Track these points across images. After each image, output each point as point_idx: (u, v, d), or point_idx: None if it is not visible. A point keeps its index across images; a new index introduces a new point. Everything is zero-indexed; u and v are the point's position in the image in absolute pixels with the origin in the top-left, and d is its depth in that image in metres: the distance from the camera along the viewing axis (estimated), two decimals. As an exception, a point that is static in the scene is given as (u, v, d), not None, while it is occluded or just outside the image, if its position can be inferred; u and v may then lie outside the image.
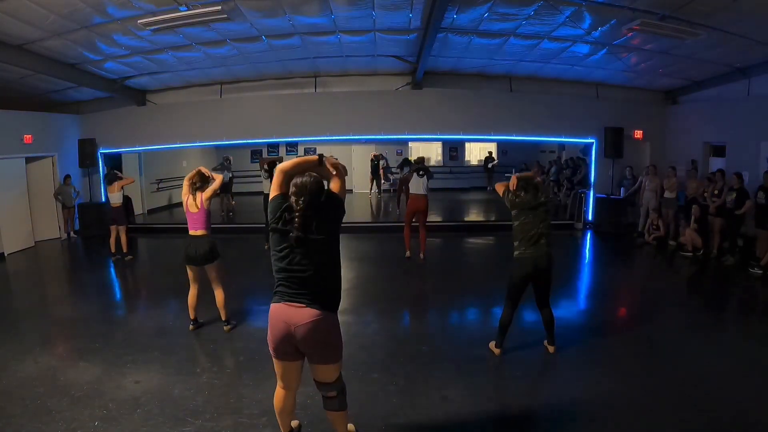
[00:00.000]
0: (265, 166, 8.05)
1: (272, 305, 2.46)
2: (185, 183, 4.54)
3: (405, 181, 8.61)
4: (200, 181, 4.54)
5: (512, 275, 3.94)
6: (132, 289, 6.73)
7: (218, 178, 4.68)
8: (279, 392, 2.68)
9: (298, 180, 2.44)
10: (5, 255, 8.02)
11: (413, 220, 7.41)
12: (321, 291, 2.42)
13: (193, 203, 4.49)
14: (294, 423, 2.99)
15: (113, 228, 7.82)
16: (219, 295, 4.65)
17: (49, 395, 3.45)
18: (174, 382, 3.66)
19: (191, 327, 4.70)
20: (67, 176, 9.52)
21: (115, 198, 7.73)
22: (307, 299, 2.39)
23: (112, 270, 7.64)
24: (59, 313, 5.44)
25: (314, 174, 2.50)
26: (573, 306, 5.64)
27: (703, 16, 6.10)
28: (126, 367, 3.91)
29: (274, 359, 2.55)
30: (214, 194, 4.58)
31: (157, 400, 3.38)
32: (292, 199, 2.41)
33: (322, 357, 2.49)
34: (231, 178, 11.82)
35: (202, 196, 4.49)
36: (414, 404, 3.33)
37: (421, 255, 7.43)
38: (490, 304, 5.42)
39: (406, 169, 10.64)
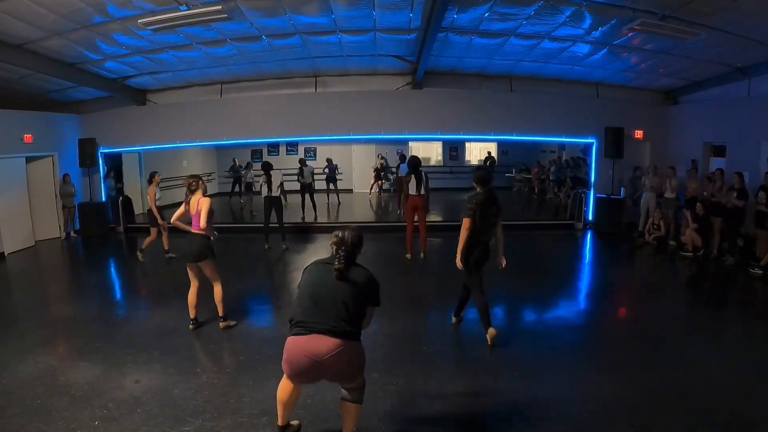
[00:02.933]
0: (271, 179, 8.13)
1: (291, 338, 2.51)
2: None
3: (403, 182, 8.62)
4: (194, 186, 4.59)
5: (468, 262, 4.30)
6: (132, 289, 6.73)
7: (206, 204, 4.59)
8: (286, 384, 2.71)
9: (339, 233, 2.65)
10: (5, 254, 8.02)
11: (414, 219, 7.42)
12: (342, 325, 2.47)
13: (191, 206, 4.54)
14: (294, 423, 2.99)
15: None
16: (216, 289, 4.67)
17: (49, 395, 3.45)
18: (174, 382, 3.65)
19: (191, 326, 4.70)
20: (66, 175, 9.53)
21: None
22: (329, 330, 2.45)
23: (112, 270, 7.65)
24: (59, 312, 5.44)
25: (356, 227, 2.72)
26: (573, 306, 5.64)
27: (703, 16, 6.10)
28: (126, 367, 3.91)
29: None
30: (208, 216, 4.55)
31: (157, 400, 3.38)
32: (333, 248, 2.61)
33: (346, 380, 2.61)
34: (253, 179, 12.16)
35: (201, 215, 4.49)
36: (414, 404, 3.33)
37: (422, 254, 7.44)
38: (489, 304, 5.40)
39: (403, 167, 10.69)
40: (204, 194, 4.64)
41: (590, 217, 9.96)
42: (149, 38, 7.21)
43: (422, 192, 7.15)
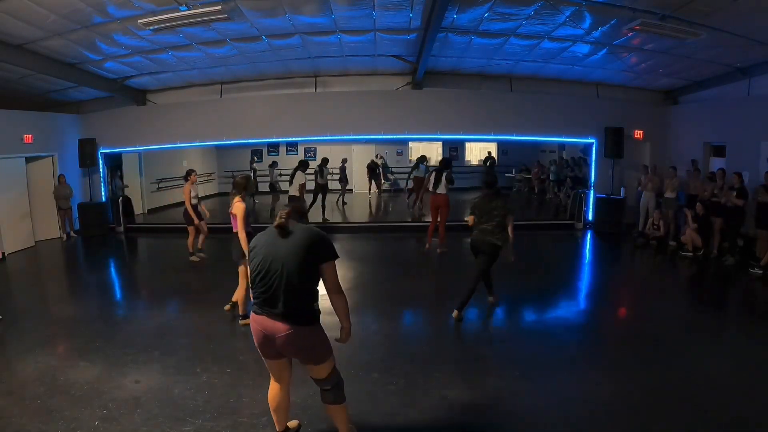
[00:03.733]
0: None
1: (251, 313, 2.56)
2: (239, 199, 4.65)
3: (421, 182, 9.66)
4: (244, 184, 4.67)
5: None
6: (132, 289, 6.72)
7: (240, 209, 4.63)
8: (272, 387, 2.74)
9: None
10: (5, 255, 8.02)
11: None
12: (291, 307, 2.42)
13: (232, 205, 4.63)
14: (292, 423, 2.99)
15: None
16: (240, 288, 4.79)
17: (49, 395, 3.45)
18: (174, 382, 3.66)
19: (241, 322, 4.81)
20: (61, 176, 9.48)
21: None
22: (278, 313, 2.42)
23: (112, 270, 7.64)
24: (59, 312, 5.44)
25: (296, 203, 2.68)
26: (573, 306, 5.64)
27: (703, 16, 6.10)
28: (126, 367, 3.91)
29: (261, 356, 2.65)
30: (244, 223, 4.57)
31: (157, 400, 3.38)
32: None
33: (306, 361, 2.57)
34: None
35: (237, 222, 4.55)
36: (414, 404, 3.33)
37: (438, 249, 7.66)
38: (489, 304, 5.42)
39: (422, 167, 11.04)
40: (244, 198, 4.64)
41: (590, 217, 9.96)
42: (149, 38, 7.20)
43: (440, 191, 7.48)
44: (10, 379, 3.71)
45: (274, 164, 13.12)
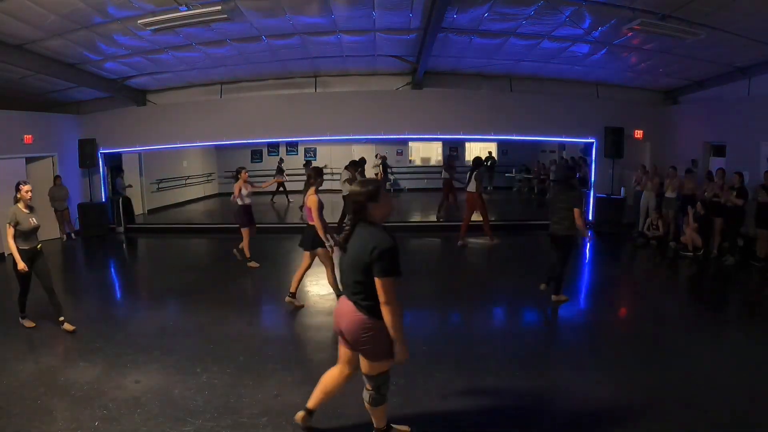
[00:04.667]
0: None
1: None
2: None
3: (449, 183, 10.64)
4: (313, 176, 4.99)
5: None
6: (132, 289, 6.72)
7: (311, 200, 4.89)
8: (334, 368, 2.86)
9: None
10: (5, 255, 8.01)
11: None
12: (357, 296, 2.55)
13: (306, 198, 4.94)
14: (299, 415, 2.99)
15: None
16: (327, 272, 5.13)
17: (49, 395, 3.45)
18: (174, 382, 3.66)
19: (287, 298, 5.17)
20: (57, 177, 9.43)
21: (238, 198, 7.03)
22: (351, 299, 2.59)
23: (112, 270, 7.63)
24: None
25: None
26: (573, 306, 5.63)
27: (703, 16, 6.10)
28: (126, 367, 3.91)
29: None
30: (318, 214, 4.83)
31: (157, 400, 3.38)
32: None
33: (358, 349, 2.64)
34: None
35: (311, 214, 4.84)
36: (414, 404, 3.33)
37: (490, 240, 8.29)
38: (490, 304, 5.42)
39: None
40: (317, 190, 4.91)
41: (590, 217, 9.96)
42: (149, 39, 7.20)
43: (470, 188, 7.99)
44: (10, 379, 3.71)
45: (308, 164, 13.22)
